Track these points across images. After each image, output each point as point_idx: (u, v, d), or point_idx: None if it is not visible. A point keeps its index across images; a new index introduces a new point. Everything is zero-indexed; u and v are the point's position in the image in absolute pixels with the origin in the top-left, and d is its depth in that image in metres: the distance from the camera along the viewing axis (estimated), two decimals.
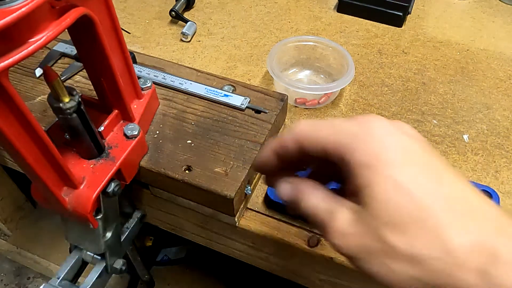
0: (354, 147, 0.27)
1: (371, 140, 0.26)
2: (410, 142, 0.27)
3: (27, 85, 0.54)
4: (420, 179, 0.25)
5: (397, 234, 0.25)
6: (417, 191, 0.25)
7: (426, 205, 0.24)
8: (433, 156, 0.27)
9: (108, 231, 0.46)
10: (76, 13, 0.31)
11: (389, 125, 0.27)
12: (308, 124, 0.30)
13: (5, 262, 1.19)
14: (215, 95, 0.51)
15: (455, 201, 0.25)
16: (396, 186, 0.25)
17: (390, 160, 0.26)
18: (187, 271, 1.06)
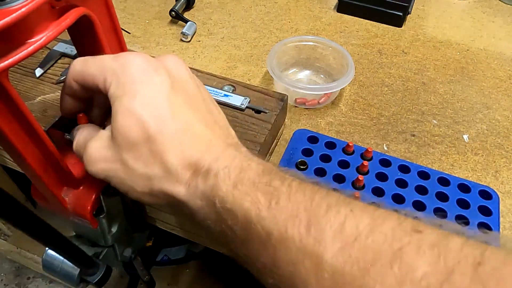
0: (110, 81, 0.30)
1: (123, 75, 0.30)
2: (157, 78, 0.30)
3: (27, 85, 0.54)
4: (153, 109, 0.29)
5: (133, 157, 0.30)
6: (148, 119, 0.29)
7: (154, 132, 0.29)
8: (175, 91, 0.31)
9: (114, 226, 0.46)
10: (76, 13, 0.31)
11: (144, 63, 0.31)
12: (80, 62, 0.33)
13: (5, 262, 1.19)
14: (215, 95, 0.51)
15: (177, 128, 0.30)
16: (132, 115, 0.29)
17: (132, 92, 0.29)
18: (187, 271, 1.06)
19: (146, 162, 0.30)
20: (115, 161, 0.30)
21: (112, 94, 0.30)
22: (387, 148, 0.54)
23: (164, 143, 0.29)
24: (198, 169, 0.29)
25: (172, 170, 0.29)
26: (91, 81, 0.32)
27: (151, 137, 0.29)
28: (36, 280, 1.17)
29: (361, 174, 0.48)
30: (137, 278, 1.00)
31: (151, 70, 0.31)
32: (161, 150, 0.29)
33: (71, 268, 0.43)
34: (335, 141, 0.52)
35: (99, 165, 0.31)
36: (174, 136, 0.29)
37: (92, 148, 0.31)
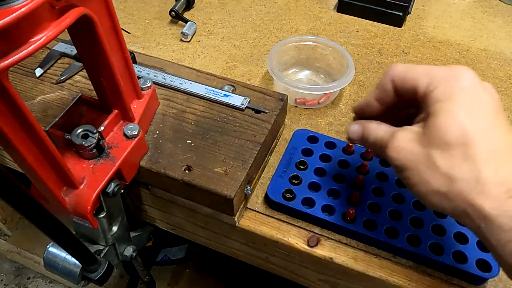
0: (438, 86, 0.33)
1: (453, 85, 0.33)
2: (485, 95, 0.33)
3: (27, 85, 0.54)
4: (477, 120, 0.31)
5: (442, 155, 0.31)
6: (470, 127, 0.31)
7: (472, 139, 0.30)
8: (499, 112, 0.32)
9: (114, 225, 0.46)
10: (76, 13, 0.31)
11: (474, 78, 0.33)
12: (403, 66, 0.36)
13: (5, 262, 1.19)
14: (215, 95, 0.51)
15: (498, 145, 0.31)
16: (455, 119, 0.31)
17: (459, 101, 0.32)
18: (187, 271, 1.06)
19: (455, 163, 0.31)
20: (420, 154, 0.32)
21: (436, 97, 0.33)
22: None
23: (482, 153, 0.30)
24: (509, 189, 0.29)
25: (483, 180, 0.30)
26: (411, 83, 0.35)
27: (469, 143, 0.31)
28: (36, 280, 1.17)
29: (361, 174, 0.48)
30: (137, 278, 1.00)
31: (480, 87, 0.33)
32: (477, 158, 0.30)
33: (72, 266, 0.43)
34: (335, 141, 0.52)
35: (403, 153, 0.33)
36: (494, 151, 0.31)
37: (401, 137, 0.34)
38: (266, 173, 0.51)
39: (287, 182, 0.48)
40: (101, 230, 0.45)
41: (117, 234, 0.47)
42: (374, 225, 0.44)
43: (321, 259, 0.45)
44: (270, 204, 0.48)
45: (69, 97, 0.52)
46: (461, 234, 0.44)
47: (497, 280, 0.43)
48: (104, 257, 0.46)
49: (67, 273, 0.44)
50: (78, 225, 0.43)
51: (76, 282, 0.44)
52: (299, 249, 0.45)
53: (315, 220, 0.46)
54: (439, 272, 0.43)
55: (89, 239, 0.47)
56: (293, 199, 0.46)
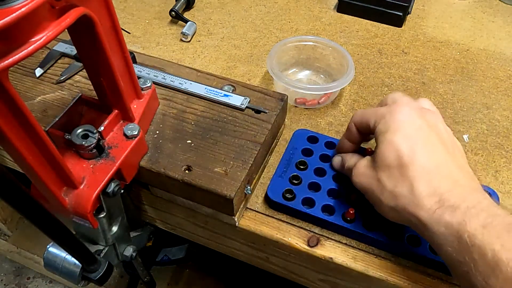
0: (380, 121, 0.41)
1: (390, 118, 0.40)
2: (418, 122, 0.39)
3: (27, 85, 0.54)
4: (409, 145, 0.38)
5: (387, 176, 0.38)
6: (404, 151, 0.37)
7: (406, 161, 0.37)
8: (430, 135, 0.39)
9: (114, 225, 0.46)
10: (76, 13, 0.31)
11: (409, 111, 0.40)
12: (360, 111, 0.45)
13: (5, 262, 1.19)
14: (215, 95, 0.51)
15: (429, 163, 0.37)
16: (391, 145, 0.38)
17: (395, 130, 0.39)
18: (187, 271, 1.06)
19: (396, 182, 0.37)
20: (372, 177, 0.40)
21: (379, 130, 0.40)
22: None
23: (414, 172, 0.36)
24: (443, 201, 0.35)
25: (417, 194, 0.36)
26: (365, 122, 0.43)
27: (404, 164, 0.37)
28: (36, 280, 1.17)
29: None
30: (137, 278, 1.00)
31: (414, 116, 0.39)
32: (411, 176, 0.36)
33: (72, 266, 0.43)
34: (335, 141, 0.52)
35: (361, 178, 0.41)
36: (424, 168, 0.37)
37: (360, 166, 0.42)
38: (266, 173, 0.51)
39: (287, 182, 0.48)
40: (101, 230, 0.45)
41: (117, 234, 0.47)
42: (374, 225, 0.44)
43: (321, 259, 0.45)
44: (270, 204, 0.48)
45: (69, 97, 0.52)
46: None
47: None
48: (104, 257, 0.46)
49: (67, 273, 0.44)
50: (78, 225, 0.43)
51: (76, 282, 0.44)
52: (299, 249, 0.45)
53: (315, 220, 0.46)
54: (439, 272, 0.43)
55: (89, 239, 0.47)
56: (293, 199, 0.46)
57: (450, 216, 0.34)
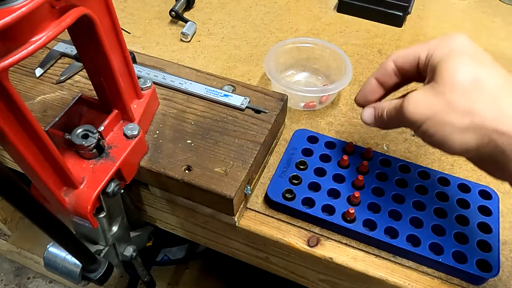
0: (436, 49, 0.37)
1: (449, 44, 0.36)
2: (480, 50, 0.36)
3: (27, 85, 0.54)
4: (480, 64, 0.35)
5: (459, 96, 0.34)
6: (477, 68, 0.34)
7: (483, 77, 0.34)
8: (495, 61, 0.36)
9: (114, 225, 0.46)
10: (76, 13, 0.31)
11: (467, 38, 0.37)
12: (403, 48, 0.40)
13: (5, 262, 1.19)
14: (215, 95, 0.51)
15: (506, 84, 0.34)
16: (461, 64, 0.35)
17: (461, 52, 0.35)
18: (187, 271, 1.06)
19: (473, 99, 0.33)
20: (437, 102, 0.35)
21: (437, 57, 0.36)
22: (387, 148, 0.54)
23: (495, 86, 0.34)
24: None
25: (503, 108, 0.33)
26: (412, 56, 0.39)
27: (481, 80, 0.34)
28: (36, 280, 1.17)
29: (361, 174, 0.48)
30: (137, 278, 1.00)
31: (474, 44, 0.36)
32: (492, 90, 0.33)
33: (72, 266, 0.43)
34: (335, 141, 0.52)
35: (420, 106, 0.36)
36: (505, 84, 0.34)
37: (415, 95, 0.36)
38: (266, 173, 0.51)
39: (287, 182, 0.48)
40: (101, 230, 0.45)
41: (117, 234, 0.47)
42: (374, 225, 0.44)
43: (321, 259, 0.45)
44: (270, 204, 0.48)
45: (69, 97, 0.52)
46: (461, 234, 0.44)
47: (497, 280, 0.43)
48: (104, 257, 0.46)
49: (67, 273, 0.44)
50: (78, 225, 0.43)
51: (76, 282, 0.44)
52: (299, 249, 0.45)
53: (315, 220, 0.46)
54: (439, 272, 0.43)
55: (89, 239, 0.47)
56: (293, 199, 0.46)
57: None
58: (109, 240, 0.46)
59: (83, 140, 0.41)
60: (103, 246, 0.47)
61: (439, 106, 0.35)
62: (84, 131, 0.42)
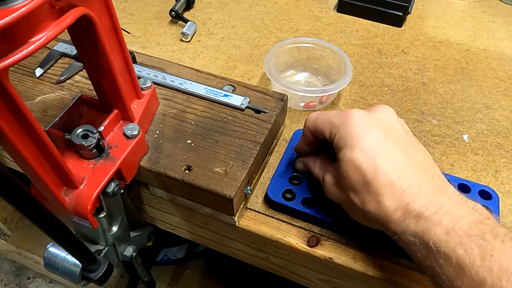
0: (336, 133, 0.40)
1: (344, 131, 0.39)
2: (374, 131, 0.38)
3: (27, 85, 0.54)
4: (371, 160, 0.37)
5: (355, 196, 0.38)
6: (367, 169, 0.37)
7: (370, 179, 0.37)
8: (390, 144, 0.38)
9: (114, 225, 0.46)
10: (76, 13, 0.31)
11: (362, 119, 0.39)
12: (313, 116, 0.44)
13: (5, 262, 1.19)
14: (215, 95, 0.51)
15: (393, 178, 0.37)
16: (354, 164, 0.38)
17: (353, 145, 0.38)
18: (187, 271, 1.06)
19: (364, 200, 0.38)
20: (342, 195, 0.40)
21: (336, 145, 0.40)
22: None
23: (379, 187, 0.37)
24: (408, 212, 0.36)
25: (384, 210, 0.37)
26: (320, 131, 0.42)
27: (368, 182, 0.37)
28: (36, 280, 1.17)
29: None
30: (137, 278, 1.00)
31: (367, 126, 0.39)
32: (376, 193, 0.37)
33: (72, 266, 0.43)
34: None
35: (333, 195, 0.42)
36: (388, 181, 0.36)
37: (328, 184, 0.42)
38: (266, 173, 0.51)
39: (287, 182, 0.48)
40: (101, 230, 0.45)
41: (117, 234, 0.47)
42: None
43: (321, 259, 0.45)
44: (270, 204, 0.48)
45: (69, 97, 0.52)
46: None
47: None
48: (104, 257, 0.46)
49: (67, 273, 0.44)
50: (78, 225, 0.43)
51: (76, 282, 0.44)
52: (299, 249, 0.45)
53: (315, 220, 0.46)
54: None
55: (89, 239, 0.47)
56: (293, 199, 0.46)
57: (415, 226, 0.35)
58: (109, 240, 0.46)
59: (83, 140, 0.41)
60: (103, 246, 0.47)
61: (344, 200, 0.40)
62: (84, 131, 0.42)
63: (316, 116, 0.43)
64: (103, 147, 0.43)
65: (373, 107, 0.41)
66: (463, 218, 0.34)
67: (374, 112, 0.40)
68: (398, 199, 0.36)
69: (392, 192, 0.36)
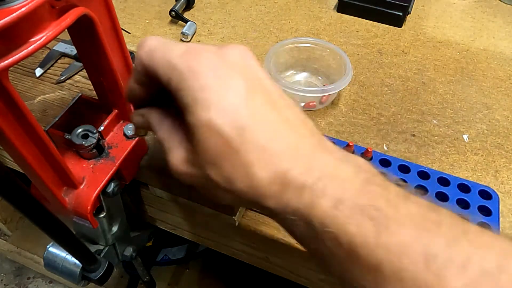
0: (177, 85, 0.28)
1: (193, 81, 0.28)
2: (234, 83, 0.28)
3: (27, 85, 0.54)
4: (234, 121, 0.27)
5: (217, 173, 0.28)
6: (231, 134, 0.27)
7: (237, 146, 0.27)
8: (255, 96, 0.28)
9: (114, 225, 0.46)
10: (76, 13, 0.31)
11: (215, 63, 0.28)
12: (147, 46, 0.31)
13: (5, 262, 1.19)
14: None
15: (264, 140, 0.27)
16: (212, 130, 0.27)
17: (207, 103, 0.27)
18: (187, 271, 1.06)
19: (230, 178, 0.28)
20: (198, 176, 0.29)
21: (181, 100, 0.28)
22: (387, 148, 0.54)
23: (248, 156, 0.27)
24: (287, 182, 0.27)
25: (258, 185, 0.28)
26: (155, 76, 0.30)
27: (234, 151, 0.27)
28: (36, 280, 1.17)
29: None
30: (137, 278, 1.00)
31: (223, 74, 0.28)
32: (245, 163, 0.27)
33: (72, 266, 0.43)
34: (335, 141, 0.52)
35: (184, 176, 0.30)
36: (259, 146, 0.27)
37: (176, 162, 0.30)
38: None
39: None
40: (101, 230, 0.45)
41: (117, 234, 0.47)
42: None
43: None
44: None
45: (69, 97, 0.52)
46: None
47: None
48: (104, 257, 0.46)
49: (67, 273, 0.44)
50: (78, 225, 0.43)
51: (76, 282, 0.44)
52: (299, 249, 0.45)
53: None
54: None
55: (89, 239, 0.47)
56: None
57: (297, 201, 0.27)
58: (109, 240, 0.46)
59: (83, 140, 0.41)
60: (103, 246, 0.47)
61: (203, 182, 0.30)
62: (84, 131, 0.42)
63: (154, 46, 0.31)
64: (103, 147, 0.43)
65: (225, 46, 0.30)
66: (350, 181, 0.27)
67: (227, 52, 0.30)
68: (273, 168, 0.27)
69: (265, 160, 0.27)
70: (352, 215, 0.25)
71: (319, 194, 0.26)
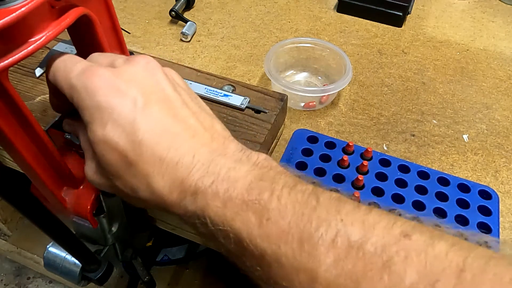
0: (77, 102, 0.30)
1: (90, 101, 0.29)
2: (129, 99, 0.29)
3: (27, 85, 0.54)
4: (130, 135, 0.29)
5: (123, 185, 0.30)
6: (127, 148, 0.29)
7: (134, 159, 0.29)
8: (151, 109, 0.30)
9: (114, 225, 0.46)
10: (75, 13, 0.31)
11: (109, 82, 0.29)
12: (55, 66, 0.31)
13: (5, 262, 1.19)
14: (215, 95, 0.51)
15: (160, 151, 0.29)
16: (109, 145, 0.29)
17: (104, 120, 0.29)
18: (187, 271, 1.06)
19: (134, 187, 0.30)
20: (110, 186, 0.32)
21: (84, 119, 0.30)
22: (387, 148, 0.54)
23: (146, 168, 0.29)
24: (185, 189, 0.29)
25: (159, 194, 0.29)
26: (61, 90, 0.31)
27: (131, 164, 0.29)
28: (36, 280, 1.17)
29: (361, 174, 0.48)
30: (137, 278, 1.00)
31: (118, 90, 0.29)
32: (144, 175, 0.29)
33: (72, 265, 0.43)
34: (335, 141, 0.52)
35: (99, 186, 0.33)
36: (155, 158, 0.29)
37: (89, 172, 0.33)
38: None
39: None
40: (101, 230, 0.45)
41: (117, 234, 0.47)
42: None
43: None
44: None
45: None
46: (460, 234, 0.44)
47: None
48: (104, 257, 0.46)
49: (67, 273, 0.44)
50: (78, 225, 0.43)
51: (76, 282, 0.44)
52: None
53: None
54: None
55: (89, 239, 0.47)
56: None
57: (193, 205, 0.29)
58: (109, 240, 0.46)
59: None
60: (103, 246, 0.47)
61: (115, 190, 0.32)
62: None
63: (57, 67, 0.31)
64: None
65: (131, 59, 0.32)
66: (241, 181, 0.28)
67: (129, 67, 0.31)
68: (171, 177, 0.29)
69: (161, 170, 0.29)
70: (238, 211, 0.27)
71: (211, 197, 0.28)
